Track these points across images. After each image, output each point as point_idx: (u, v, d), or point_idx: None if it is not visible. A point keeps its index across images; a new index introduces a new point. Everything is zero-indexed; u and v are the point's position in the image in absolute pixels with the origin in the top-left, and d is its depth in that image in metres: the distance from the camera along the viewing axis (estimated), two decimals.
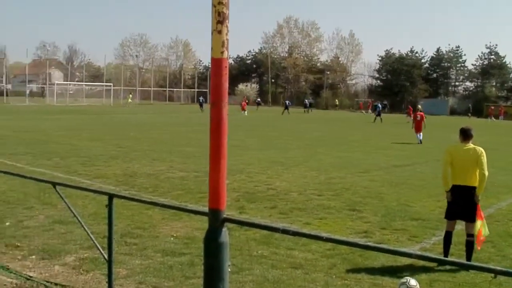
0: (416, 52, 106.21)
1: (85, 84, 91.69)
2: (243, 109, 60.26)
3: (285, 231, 4.69)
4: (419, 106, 36.71)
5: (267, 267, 7.60)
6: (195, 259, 7.70)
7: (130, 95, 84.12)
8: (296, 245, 8.67)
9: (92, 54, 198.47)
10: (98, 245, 6.31)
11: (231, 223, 4.86)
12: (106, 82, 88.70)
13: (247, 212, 11.19)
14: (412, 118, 36.55)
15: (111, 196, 5.90)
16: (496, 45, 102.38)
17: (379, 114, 53.66)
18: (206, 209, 4.56)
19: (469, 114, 78.20)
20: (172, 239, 8.95)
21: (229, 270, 4.53)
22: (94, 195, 10.45)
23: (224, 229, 4.46)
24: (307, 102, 77.80)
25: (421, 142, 30.01)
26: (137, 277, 7.11)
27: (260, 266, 7.65)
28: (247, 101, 71.90)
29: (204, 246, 4.51)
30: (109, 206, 5.84)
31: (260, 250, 8.40)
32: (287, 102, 70.49)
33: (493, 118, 71.21)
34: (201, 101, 68.70)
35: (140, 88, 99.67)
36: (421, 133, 30.38)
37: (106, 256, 6.10)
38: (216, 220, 4.43)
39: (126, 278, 7.05)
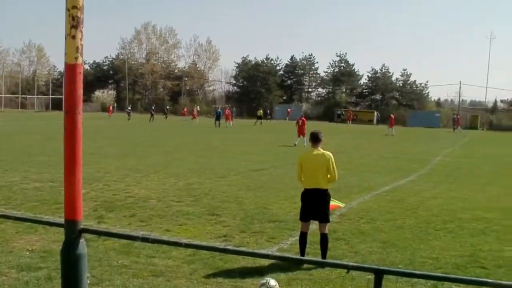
0: (272, 60, 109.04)
1: None
2: (194, 117, 64.56)
3: (144, 239, 4.66)
4: (302, 113, 38.60)
5: (128, 277, 7.48)
6: (53, 273, 7.40)
7: None
8: (157, 252, 8.61)
9: None
10: None
11: (89, 234, 4.74)
12: None
13: (105, 222, 10.94)
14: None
15: None
16: (346, 53, 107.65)
17: (218, 119, 56.19)
18: (62, 221, 4.42)
19: (340, 119, 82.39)
20: (27, 253, 8.53)
21: (89, 282, 4.42)
22: None
23: (82, 240, 4.34)
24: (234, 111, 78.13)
25: (296, 145, 32.03)
26: None
27: (120, 276, 7.51)
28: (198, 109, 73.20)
29: (61, 258, 4.36)
30: None
31: (120, 260, 8.24)
32: (153, 107, 69.98)
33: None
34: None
35: None
36: (304, 138, 31.77)
37: None
38: (72, 231, 4.30)
39: None
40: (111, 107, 77.23)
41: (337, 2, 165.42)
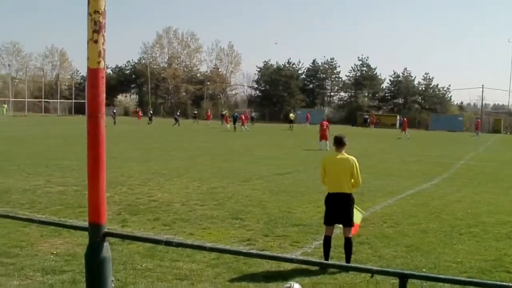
0: (293, 64, 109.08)
1: None
2: (227, 123, 60.92)
3: (168, 243, 4.66)
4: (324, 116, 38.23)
5: (152, 280, 7.50)
6: (77, 276, 7.44)
7: (5, 106, 79.80)
8: (181, 256, 8.62)
9: None
10: None
11: (113, 237, 4.75)
12: None
13: (129, 225, 10.99)
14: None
15: None
16: (368, 57, 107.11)
17: (234, 123, 55.86)
18: (86, 224, 4.43)
19: (368, 125, 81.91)
20: (52, 256, 8.59)
21: (113, 285, 4.42)
22: None
23: (106, 244, 4.35)
24: (254, 115, 76.53)
25: (321, 149, 31.67)
26: None
27: (145, 279, 7.52)
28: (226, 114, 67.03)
29: (85, 262, 4.37)
30: None
31: (144, 263, 8.27)
32: (178, 113, 69.28)
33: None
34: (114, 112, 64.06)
35: (13, 99, 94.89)
36: (327, 142, 31.34)
37: None
38: (96, 235, 4.31)
39: None
40: (140, 112, 70.87)
41: (359, 6, 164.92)
